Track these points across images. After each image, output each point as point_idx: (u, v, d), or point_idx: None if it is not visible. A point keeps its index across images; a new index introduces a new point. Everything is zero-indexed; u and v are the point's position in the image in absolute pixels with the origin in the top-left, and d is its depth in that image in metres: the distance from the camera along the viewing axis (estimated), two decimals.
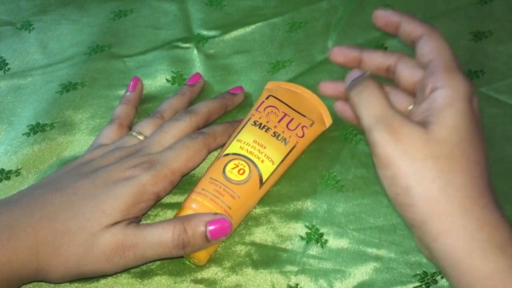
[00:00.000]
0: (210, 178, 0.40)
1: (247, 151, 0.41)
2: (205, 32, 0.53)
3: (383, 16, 0.39)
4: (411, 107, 0.37)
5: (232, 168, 0.40)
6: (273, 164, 0.41)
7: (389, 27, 0.38)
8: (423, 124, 0.33)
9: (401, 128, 0.33)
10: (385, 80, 0.40)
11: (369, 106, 0.35)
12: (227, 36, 0.53)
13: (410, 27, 0.37)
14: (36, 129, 0.47)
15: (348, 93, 0.37)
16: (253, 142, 0.42)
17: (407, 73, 0.37)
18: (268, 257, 0.40)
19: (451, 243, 0.31)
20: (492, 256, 0.30)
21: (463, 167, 0.32)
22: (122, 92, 0.49)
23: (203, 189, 0.40)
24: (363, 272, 0.39)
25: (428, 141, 0.32)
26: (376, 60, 0.39)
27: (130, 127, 0.45)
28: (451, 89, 0.33)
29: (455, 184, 0.32)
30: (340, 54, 0.39)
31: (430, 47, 0.35)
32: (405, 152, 0.32)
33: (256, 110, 0.44)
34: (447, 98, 0.33)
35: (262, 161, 0.41)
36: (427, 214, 0.32)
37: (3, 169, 0.45)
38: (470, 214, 0.31)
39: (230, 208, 0.39)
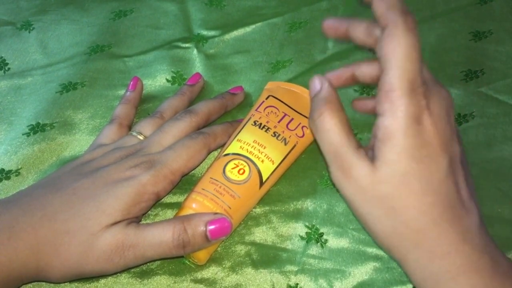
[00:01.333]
0: (210, 178, 0.40)
1: (247, 151, 0.41)
2: (205, 32, 0.53)
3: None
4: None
5: (232, 168, 0.40)
6: (273, 164, 0.41)
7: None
8: (373, 158, 0.32)
9: (350, 169, 0.33)
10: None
11: (323, 142, 0.34)
12: (227, 36, 0.53)
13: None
14: (36, 129, 0.47)
15: (309, 116, 0.35)
16: (253, 142, 0.42)
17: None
18: (268, 257, 0.40)
19: (408, 270, 0.33)
20: (443, 285, 0.31)
21: (410, 201, 0.32)
22: (122, 92, 0.49)
23: (203, 189, 0.40)
24: (363, 271, 0.39)
25: (374, 181, 0.32)
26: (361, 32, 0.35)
27: (130, 127, 0.45)
28: (390, 118, 0.31)
29: (402, 221, 0.32)
30: (331, 27, 0.36)
31: (384, 51, 0.31)
32: (355, 193, 0.33)
33: (256, 110, 0.44)
34: (386, 130, 0.31)
35: (262, 161, 0.41)
36: (386, 246, 0.34)
37: (3, 169, 0.45)
38: (421, 248, 0.32)
39: (230, 208, 0.39)
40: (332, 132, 0.33)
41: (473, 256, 0.31)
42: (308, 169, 0.44)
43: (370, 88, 0.48)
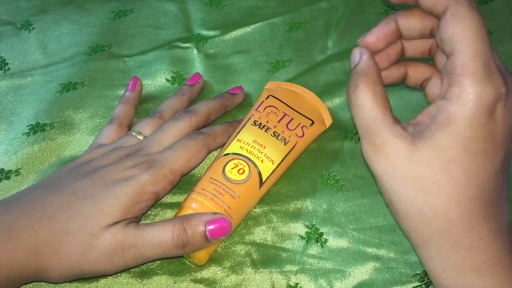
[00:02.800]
0: (210, 177, 0.40)
1: (247, 151, 0.41)
2: (205, 32, 0.53)
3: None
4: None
5: (232, 168, 0.40)
6: (273, 164, 0.41)
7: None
8: (416, 136, 0.31)
9: (383, 144, 0.31)
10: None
11: (357, 116, 0.33)
12: (227, 36, 0.53)
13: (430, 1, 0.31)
14: (36, 129, 0.47)
15: (347, 89, 0.34)
16: (253, 142, 0.42)
17: (443, 57, 0.34)
18: (268, 257, 0.40)
19: (427, 257, 0.32)
20: (465, 278, 0.31)
21: (448, 189, 0.30)
22: (122, 92, 0.49)
23: (203, 189, 0.40)
24: (363, 272, 0.39)
25: (410, 161, 0.31)
26: (417, 44, 0.35)
27: (129, 127, 0.45)
28: (459, 106, 0.29)
29: (433, 208, 0.31)
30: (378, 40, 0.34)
31: (451, 33, 0.29)
32: (385, 169, 0.32)
33: (256, 110, 0.44)
34: (449, 115, 0.29)
35: (262, 161, 0.41)
36: (408, 227, 0.33)
37: (3, 169, 0.45)
38: (447, 237, 0.31)
39: (230, 208, 0.39)
40: (365, 106, 0.32)
41: (501, 253, 0.31)
42: (308, 169, 0.44)
43: None
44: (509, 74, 0.31)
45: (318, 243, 0.40)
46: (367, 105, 0.32)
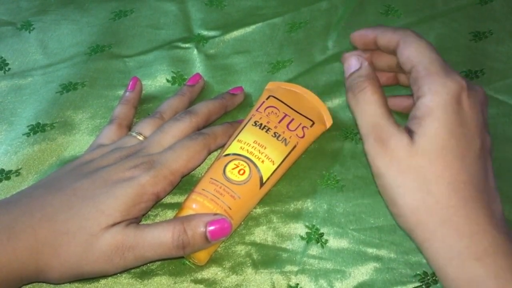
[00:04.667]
0: (211, 178, 0.40)
1: (248, 152, 0.41)
2: (205, 32, 0.53)
3: (359, 36, 0.39)
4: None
5: (233, 169, 0.40)
6: (273, 164, 0.41)
7: (369, 45, 0.39)
8: (410, 133, 0.34)
9: (389, 139, 0.34)
10: None
11: (363, 114, 0.35)
12: (227, 36, 0.53)
13: (385, 39, 0.37)
14: (36, 129, 0.47)
15: (346, 94, 0.38)
16: (254, 142, 0.42)
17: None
18: (268, 257, 0.40)
19: (433, 251, 0.33)
20: (469, 266, 0.31)
21: (446, 176, 0.32)
22: (122, 92, 0.48)
23: (203, 189, 0.40)
24: (363, 272, 0.39)
25: (410, 153, 0.33)
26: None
27: (129, 127, 0.45)
28: (431, 97, 0.33)
29: (434, 195, 0.32)
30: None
31: (407, 54, 0.35)
32: (390, 164, 0.34)
33: (256, 110, 0.44)
34: (427, 107, 0.33)
35: (263, 161, 0.41)
36: (411, 223, 0.34)
37: (3, 169, 0.45)
38: (449, 225, 0.32)
39: (230, 209, 0.39)
40: (374, 104, 0.35)
41: (499, 239, 0.32)
42: (308, 169, 0.44)
43: None
44: (466, 80, 0.35)
45: (319, 244, 0.40)
46: (376, 103, 0.35)
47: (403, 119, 0.38)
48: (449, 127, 0.33)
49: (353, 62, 0.38)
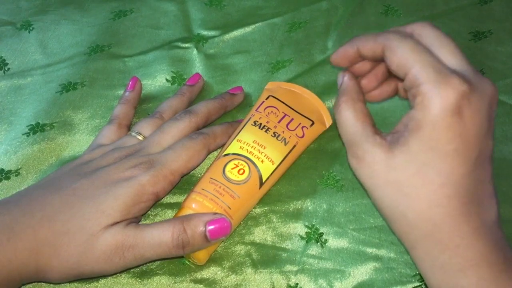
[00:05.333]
0: (210, 178, 0.40)
1: (247, 151, 0.41)
2: (205, 32, 0.53)
3: (340, 56, 0.37)
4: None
5: (232, 168, 0.40)
6: (273, 164, 0.41)
7: (355, 61, 0.37)
8: (392, 143, 0.33)
9: (364, 154, 0.34)
10: None
11: (342, 131, 0.35)
12: (227, 36, 0.53)
13: (368, 49, 0.35)
14: (36, 129, 0.47)
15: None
16: (253, 142, 0.42)
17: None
18: (268, 257, 0.40)
19: (417, 260, 0.33)
20: (452, 277, 0.31)
21: (425, 191, 0.32)
22: (122, 92, 0.49)
23: (203, 189, 0.40)
24: (362, 272, 0.39)
25: (388, 166, 0.33)
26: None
27: (129, 127, 0.45)
28: (421, 111, 0.31)
29: (414, 211, 0.32)
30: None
31: (396, 62, 0.32)
32: (369, 177, 0.34)
33: (256, 110, 0.44)
34: (416, 122, 0.31)
35: (262, 161, 0.41)
36: (396, 230, 0.34)
37: (3, 169, 0.45)
38: (431, 239, 0.32)
39: (230, 208, 0.39)
40: (347, 122, 0.35)
41: (484, 251, 0.31)
42: (308, 169, 0.44)
43: None
44: (475, 74, 0.32)
45: (318, 243, 0.40)
46: (348, 121, 0.35)
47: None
48: (435, 145, 0.31)
49: (339, 79, 0.37)
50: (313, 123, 0.44)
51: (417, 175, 0.32)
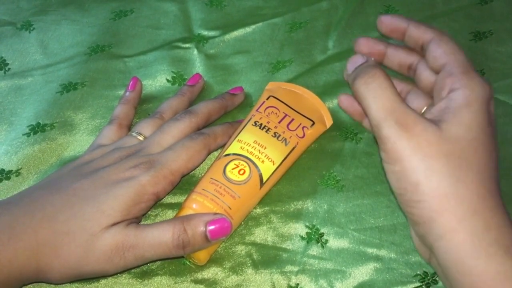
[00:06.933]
0: (211, 178, 0.40)
1: (248, 152, 0.41)
2: (205, 32, 0.53)
3: (389, 22, 0.37)
4: (425, 108, 0.37)
5: (233, 168, 0.40)
6: (273, 164, 0.41)
7: (395, 33, 0.38)
8: (437, 122, 0.33)
9: (414, 123, 0.32)
10: (407, 77, 0.40)
11: (378, 98, 0.33)
12: (227, 36, 0.53)
13: (418, 32, 0.36)
14: (36, 129, 0.47)
15: (353, 83, 0.35)
16: (254, 142, 0.42)
17: (428, 73, 0.37)
18: (269, 257, 0.40)
19: (457, 243, 0.31)
20: (497, 258, 0.30)
21: (475, 166, 0.32)
22: (122, 92, 0.48)
23: (203, 189, 0.40)
24: (363, 272, 0.39)
25: (441, 138, 0.32)
26: (399, 56, 0.39)
27: (129, 127, 0.45)
28: (470, 90, 0.33)
29: (465, 183, 0.31)
30: (366, 45, 0.38)
31: (443, 49, 0.35)
32: (417, 147, 0.32)
33: (256, 110, 0.44)
34: (465, 98, 0.33)
35: (263, 161, 0.41)
36: (435, 211, 0.32)
37: (3, 169, 0.45)
38: (479, 215, 0.31)
39: (231, 208, 0.39)
40: (389, 89, 0.34)
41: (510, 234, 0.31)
42: (308, 169, 0.44)
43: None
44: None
45: (319, 244, 0.40)
46: (390, 89, 0.34)
47: None
48: (482, 122, 0.32)
49: (358, 58, 0.37)
50: (313, 123, 0.44)
51: (468, 148, 0.32)
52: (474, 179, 0.32)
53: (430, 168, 0.32)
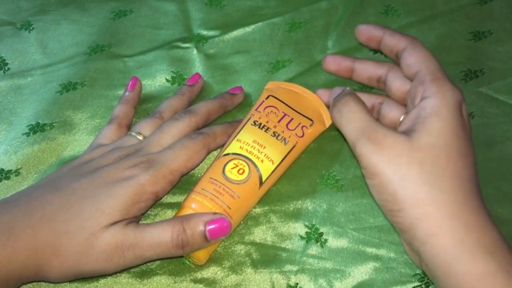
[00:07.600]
0: (210, 177, 0.40)
1: (247, 151, 0.41)
2: (205, 32, 0.53)
3: (366, 31, 0.40)
4: (402, 117, 0.39)
5: (232, 168, 0.40)
6: (272, 164, 0.41)
7: (372, 42, 0.40)
8: (408, 132, 0.34)
9: (384, 137, 0.34)
10: (378, 90, 0.43)
11: (350, 121, 0.36)
12: (227, 36, 0.53)
13: (393, 40, 0.38)
14: (36, 129, 0.47)
15: (331, 113, 0.39)
16: (253, 142, 0.42)
17: (398, 83, 0.39)
18: (268, 257, 0.40)
19: (440, 247, 0.32)
20: (481, 259, 0.31)
21: (450, 171, 0.33)
22: (122, 92, 0.49)
23: (202, 189, 0.40)
24: (362, 271, 0.39)
25: (412, 148, 0.33)
26: (368, 70, 0.41)
27: (129, 127, 0.45)
28: (439, 98, 0.34)
29: (441, 188, 0.32)
30: (333, 62, 0.42)
31: (415, 57, 0.36)
32: (389, 159, 0.33)
33: (256, 110, 0.44)
34: (434, 106, 0.34)
35: (262, 161, 0.41)
36: (415, 218, 0.32)
37: (3, 169, 0.45)
38: (458, 218, 0.32)
39: (230, 208, 0.39)
40: (359, 112, 0.36)
41: (501, 235, 0.32)
42: (308, 169, 0.44)
43: None
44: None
45: (318, 243, 0.40)
46: (360, 111, 0.36)
47: None
48: (453, 128, 0.33)
49: (337, 89, 0.40)
50: (313, 123, 0.44)
51: (440, 155, 0.33)
52: (450, 184, 0.32)
53: (404, 178, 0.33)
